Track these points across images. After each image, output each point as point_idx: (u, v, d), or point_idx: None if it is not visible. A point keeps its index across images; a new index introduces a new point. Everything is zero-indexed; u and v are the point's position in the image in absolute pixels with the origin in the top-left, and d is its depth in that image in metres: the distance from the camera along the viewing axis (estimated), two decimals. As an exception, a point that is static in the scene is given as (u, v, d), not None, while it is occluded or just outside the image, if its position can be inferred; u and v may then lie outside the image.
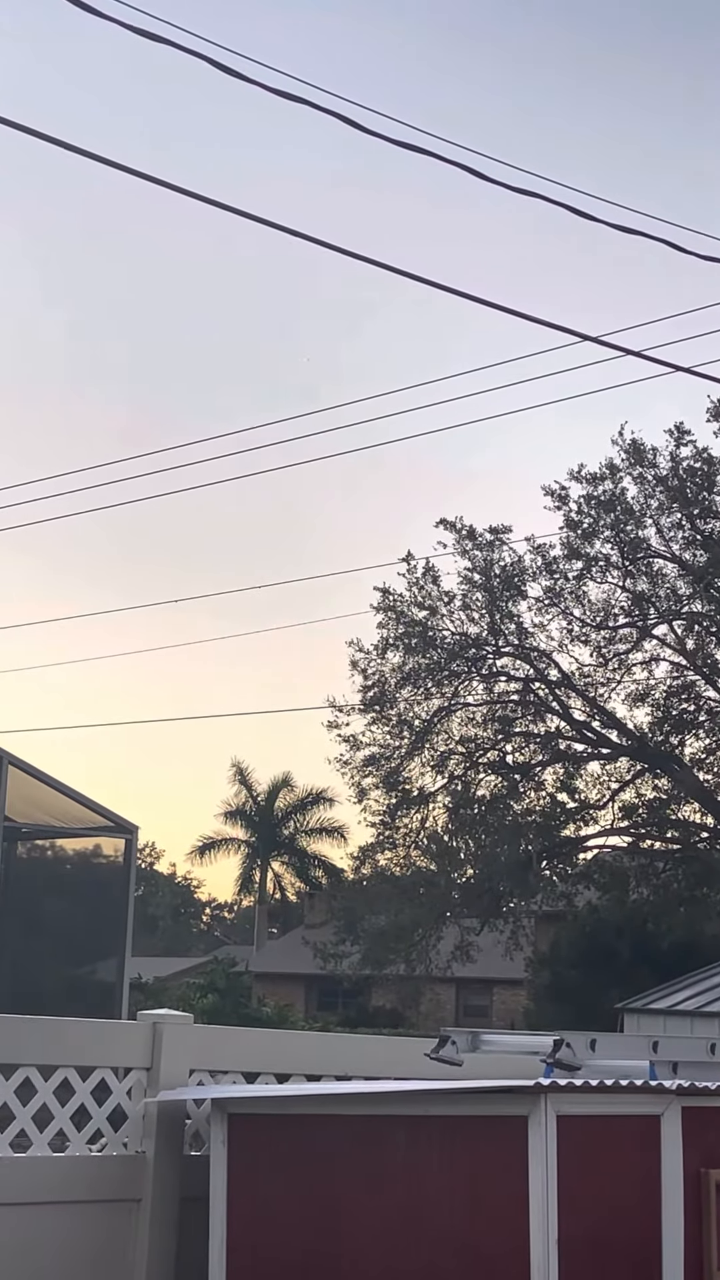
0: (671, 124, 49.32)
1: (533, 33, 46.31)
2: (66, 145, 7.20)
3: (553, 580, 32.77)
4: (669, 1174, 5.37)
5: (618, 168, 43.69)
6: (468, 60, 47.80)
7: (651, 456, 32.36)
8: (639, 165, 47.03)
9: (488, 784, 33.97)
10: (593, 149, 45.62)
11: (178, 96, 45.26)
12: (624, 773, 33.80)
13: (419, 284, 8.71)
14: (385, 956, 34.13)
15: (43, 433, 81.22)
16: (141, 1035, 6.23)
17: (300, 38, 37.94)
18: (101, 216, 61.47)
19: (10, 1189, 5.74)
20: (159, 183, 7.55)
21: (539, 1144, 5.04)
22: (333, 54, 38.68)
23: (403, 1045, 7.27)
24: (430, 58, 45.69)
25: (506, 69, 48.03)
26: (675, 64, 47.49)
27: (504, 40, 46.65)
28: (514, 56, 47.92)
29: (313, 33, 40.53)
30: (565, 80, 49.09)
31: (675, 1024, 20.66)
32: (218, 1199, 5.88)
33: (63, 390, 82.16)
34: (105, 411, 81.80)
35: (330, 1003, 46.55)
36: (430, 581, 33.11)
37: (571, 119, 48.15)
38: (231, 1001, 31.79)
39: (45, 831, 19.25)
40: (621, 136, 49.42)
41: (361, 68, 38.68)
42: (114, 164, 7.37)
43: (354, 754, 33.42)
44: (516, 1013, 41.17)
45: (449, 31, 46.18)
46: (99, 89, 45.30)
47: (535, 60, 47.79)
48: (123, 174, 7.41)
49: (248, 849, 60.55)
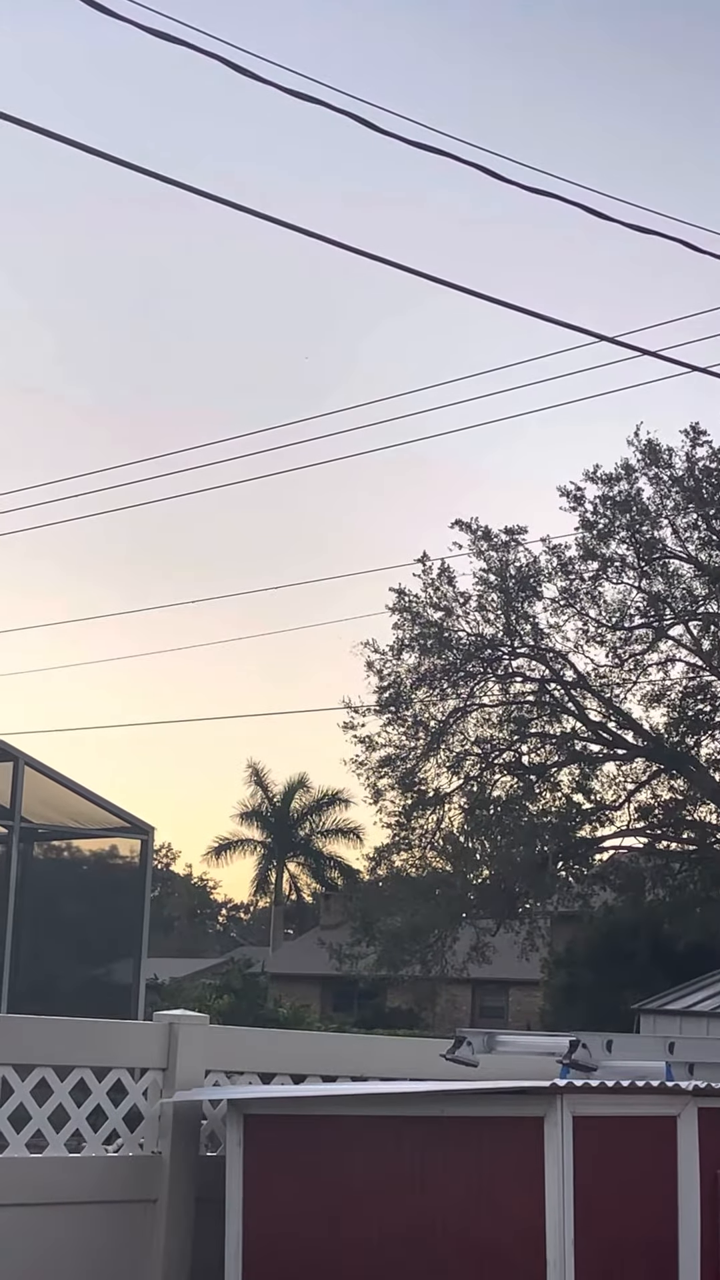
0: (686, 123, 49.27)
1: (547, 31, 46.30)
2: (75, 144, 7.20)
3: (568, 581, 32.73)
4: (685, 1174, 5.36)
5: (632, 167, 43.67)
6: (481, 59, 47.81)
7: (667, 457, 32.30)
8: (653, 164, 47.01)
9: (503, 785, 33.93)
10: (607, 148, 45.60)
11: (190, 95, 45.32)
12: (640, 774, 33.73)
13: (432, 283, 8.71)
14: (401, 957, 34.09)
15: (61, 435, 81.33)
16: (157, 1036, 6.23)
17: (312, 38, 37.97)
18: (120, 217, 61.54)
19: (27, 1189, 5.75)
20: (180, 185, 7.55)
21: (555, 1145, 5.04)
22: (344, 54, 38.71)
23: (418, 1046, 7.27)
24: (443, 57, 45.70)
25: (519, 67, 48.03)
26: (689, 62, 47.44)
27: (517, 39, 46.65)
28: (527, 55, 47.91)
29: (324, 33, 40.56)
30: (578, 79, 49.08)
31: (691, 1025, 20.63)
32: (234, 1200, 5.88)
33: (76, 392, 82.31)
34: (117, 413, 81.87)
35: (346, 1004, 46.53)
36: (446, 582, 33.08)
37: (584, 118, 48.13)
38: (247, 1002, 31.79)
39: (61, 832, 19.27)
40: (635, 135, 49.39)
41: (373, 67, 38.70)
42: (132, 165, 7.37)
43: (369, 755, 33.41)
44: (532, 1014, 41.13)
45: (462, 31, 46.21)
46: (108, 87, 45.37)
47: (548, 58, 47.78)
48: (139, 174, 7.42)
49: (264, 850, 60.56)
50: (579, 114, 48.88)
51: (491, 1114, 5.30)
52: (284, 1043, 7.16)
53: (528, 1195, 5.07)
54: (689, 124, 49.20)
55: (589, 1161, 5.10)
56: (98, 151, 7.25)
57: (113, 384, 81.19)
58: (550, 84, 48.62)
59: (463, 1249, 5.28)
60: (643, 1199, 5.31)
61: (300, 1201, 5.77)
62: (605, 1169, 5.18)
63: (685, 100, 48.49)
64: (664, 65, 48.53)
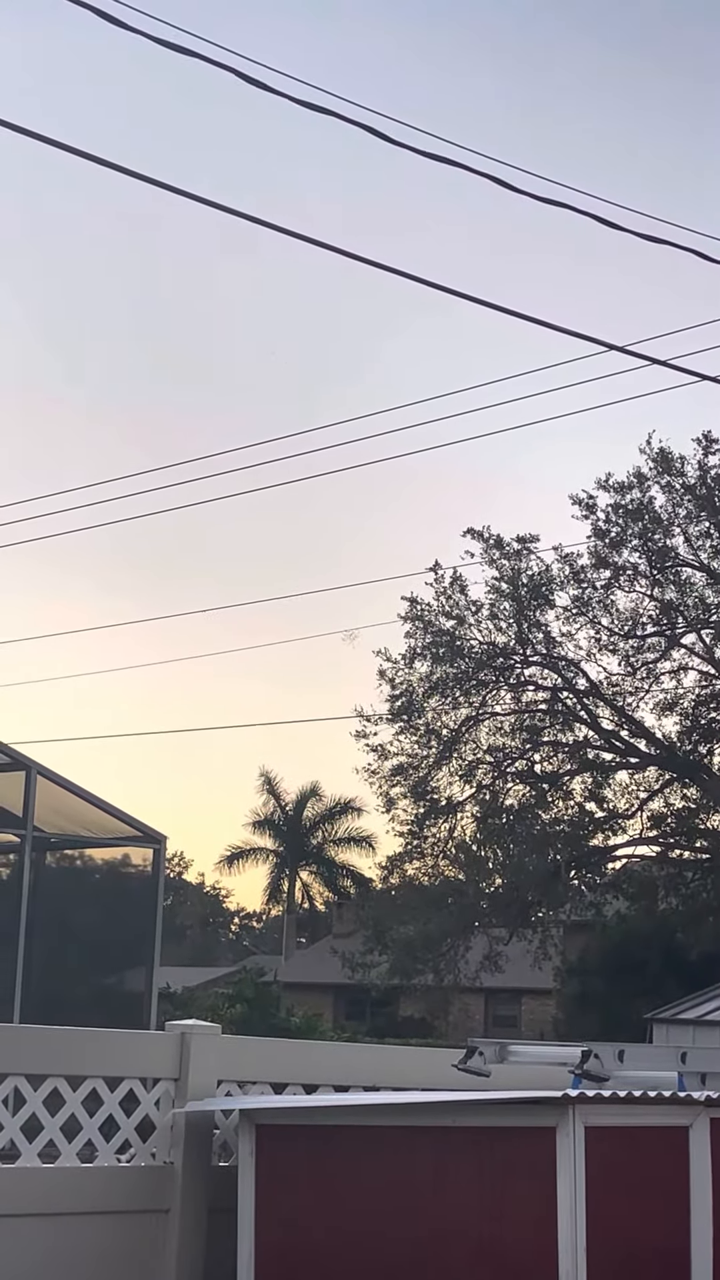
0: (696, 131, 49.27)
1: (556, 43, 46.35)
2: (84, 154, 7.22)
3: (580, 589, 32.71)
4: (698, 1185, 5.36)
5: (642, 176, 43.68)
6: (490, 70, 47.86)
7: (679, 465, 32.28)
8: (664, 174, 47.01)
9: (516, 793, 33.91)
10: (616, 158, 45.62)
11: (201, 106, 45.39)
12: (652, 782, 33.70)
13: (443, 293, 8.72)
14: (413, 966, 34.07)
15: (74, 444, 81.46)
16: (169, 1046, 6.23)
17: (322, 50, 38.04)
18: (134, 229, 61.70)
19: (39, 1199, 5.75)
20: (191, 196, 7.57)
21: (567, 1155, 5.04)
22: (354, 65, 38.76)
23: (430, 1056, 7.26)
24: (455, 67, 45.76)
25: (528, 78, 48.07)
26: (698, 71, 47.45)
27: (526, 50, 46.69)
28: (536, 66, 47.96)
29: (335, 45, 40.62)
30: (587, 88, 49.12)
31: (704, 1034, 20.58)
32: (246, 1210, 5.87)
33: (86, 398, 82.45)
34: (129, 421, 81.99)
35: (358, 1012, 46.49)
36: (458, 591, 33.08)
37: (593, 128, 48.16)
38: (260, 1011, 31.75)
39: (74, 841, 19.27)
40: (645, 145, 49.41)
41: (383, 78, 38.75)
42: (142, 176, 7.39)
43: (382, 763, 33.41)
44: (545, 1022, 41.06)
45: (474, 41, 46.27)
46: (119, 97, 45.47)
47: (557, 69, 47.81)
48: (148, 185, 7.44)
49: (276, 858, 60.55)
50: (588, 124, 48.91)
51: (504, 1124, 5.30)
52: (296, 1053, 7.16)
53: (540, 1205, 5.07)
54: (699, 133, 49.22)
55: (601, 1172, 5.09)
56: (111, 164, 7.27)
57: (123, 391, 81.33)
58: (560, 94, 48.66)
59: (475, 1259, 5.28)
60: (655, 1209, 5.30)
61: (313, 1212, 5.77)
62: (617, 1179, 5.18)
63: (695, 109, 48.48)
64: (673, 74, 48.54)
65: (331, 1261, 5.67)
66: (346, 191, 49.09)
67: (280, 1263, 5.80)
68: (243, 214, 7.79)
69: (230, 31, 7.61)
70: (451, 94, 41.74)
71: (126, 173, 7.32)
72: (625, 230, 8.90)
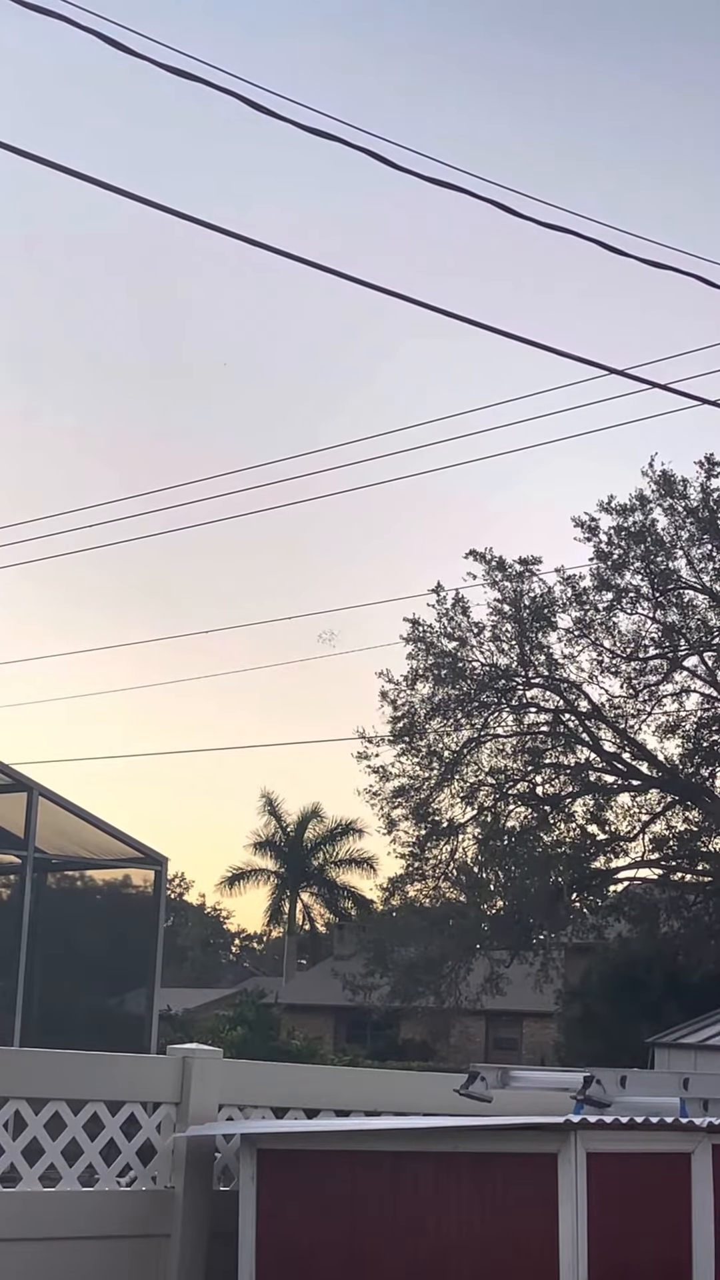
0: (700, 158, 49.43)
1: (559, 69, 46.51)
2: (88, 179, 7.25)
3: (583, 611, 32.69)
4: (700, 1211, 5.35)
5: (644, 202, 43.78)
6: (490, 96, 48.04)
7: (682, 488, 32.27)
8: (666, 200, 47.15)
9: (517, 815, 33.84)
10: (619, 184, 45.75)
11: (208, 131, 45.56)
12: (654, 804, 33.64)
13: (445, 318, 8.74)
14: (415, 989, 33.98)
15: (79, 462, 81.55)
16: (171, 1070, 6.22)
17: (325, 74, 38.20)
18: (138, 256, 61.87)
19: (40, 1224, 5.74)
20: (195, 221, 7.60)
21: (569, 1181, 5.03)
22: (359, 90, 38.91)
23: (431, 1080, 7.26)
24: (460, 93, 45.94)
25: (530, 105, 48.23)
26: (702, 98, 47.62)
27: (527, 76, 46.85)
28: (538, 92, 48.13)
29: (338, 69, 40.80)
30: (591, 117, 49.29)
31: (706, 1059, 20.52)
32: (247, 1234, 5.86)
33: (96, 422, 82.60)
34: (136, 442, 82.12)
35: (359, 1035, 46.37)
36: (460, 612, 33.05)
37: (596, 155, 48.30)
38: (260, 1034, 31.70)
39: (75, 863, 19.27)
40: (648, 171, 49.57)
41: (390, 103, 38.89)
42: (143, 199, 7.41)
43: (383, 785, 33.35)
44: (547, 1046, 40.95)
45: (478, 66, 46.45)
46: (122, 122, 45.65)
47: (561, 96, 47.98)
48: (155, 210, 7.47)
49: (277, 880, 60.46)
50: (591, 151, 49.05)
51: (505, 1150, 5.29)
52: (297, 1077, 7.15)
53: (542, 1231, 5.06)
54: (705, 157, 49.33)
55: (603, 1198, 5.08)
56: (113, 187, 7.29)
57: (122, 412, 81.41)
58: (562, 121, 48.81)
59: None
60: (657, 1235, 5.29)
61: (314, 1236, 5.76)
62: (619, 1205, 5.17)
63: (698, 136, 48.63)
64: (676, 100, 48.70)
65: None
66: (347, 214, 49.20)
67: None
68: (244, 237, 7.82)
69: (232, 57, 7.64)
70: (452, 120, 41.88)
71: (120, 192, 7.35)
72: (628, 255, 8.92)
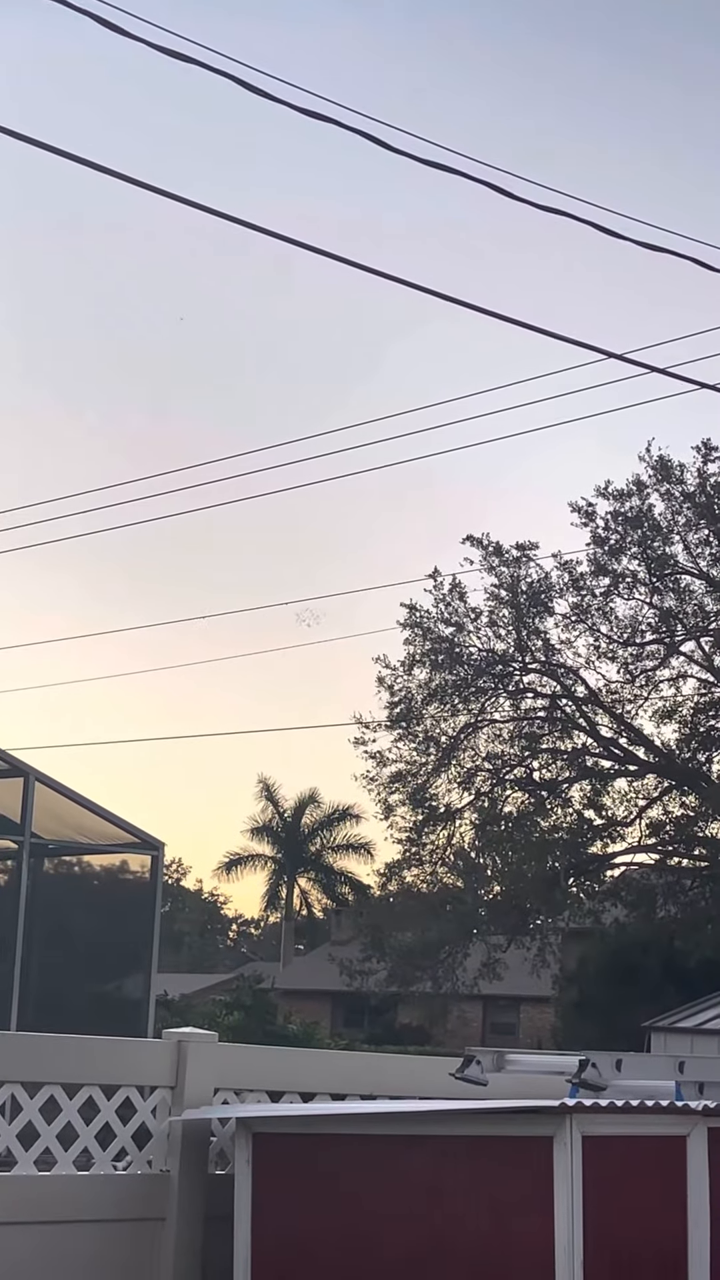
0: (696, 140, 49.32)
1: (554, 50, 46.41)
2: (87, 163, 7.22)
3: (580, 596, 32.68)
4: (695, 1195, 5.35)
5: (641, 185, 43.70)
6: (489, 79, 47.93)
7: (679, 473, 32.25)
8: (663, 182, 47.06)
9: (515, 801, 33.86)
10: (616, 166, 45.67)
11: (202, 114, 45.43)
12: (651, 789, 33.66)
13: (444, 301, 8.72)
14: (412, 974, 34.03)
15: (73, 449, 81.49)
16: (166, 1053, 6.22)
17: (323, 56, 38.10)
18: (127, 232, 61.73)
19: (35, 1207, 5.74)
20: (189, 202, 7.57)
21: (564, 1164, 5.03)
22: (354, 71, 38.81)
23: (427, 1064, 7.25)
24: (454, 74, 45.82)
25: (528, 87, 48.12)
26: (695, 80, 47.51)
27: (525, 58, 46.74)
28: (535, 74, 48.02)
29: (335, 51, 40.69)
30: (587, 97, 49.19)
31: (702, 1043, 20.56)
32: (242, 1218, 5.86)
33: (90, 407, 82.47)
34: (129, 429, 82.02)
35: (357, 1020, 46.45)
36: (457, 598, 33.04)
37: (593, 137, 48.20)
38: (257, 1019, 31.71)
39: (71, 848, 19.27)
40: (645, 153, 49.47)
41: (384, 84, 38.79)
42: (138, 182, 7.39)
43: (380, 770, 33.37)
44: (544, 1030, 41.02)
45: (472, 48, 46.33)
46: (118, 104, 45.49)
47: (557, 77, 47.88)
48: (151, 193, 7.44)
49: (274, 865, 60.53)
50: (588, 133, 48.95)
51: (500, 1133, 5.29)
52: (293, 1061, 7.15)
53: (537, 1214, 5.06)
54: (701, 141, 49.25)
55: (598, 1181, 5.08)
56: (114, 172, 7.26)
57: (118, 397, 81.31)
58: (560, 103, 48.71)
59: (472, 1268, 5.27)
60: (652, 1219, 5.29)
61: (309, 1220, 5.76)
62: (615, 1189, 5.17)
63: (694, 119, 48.51)
64: (671, 83, 48.60)
65: (327, 1270, 5.66)
66: (344, 198, 49.12)
67: (276, 1271, 5.79)
68: (244, 221, 7.79)
69: (226, 38, 7.61)
70: (450, 102, 41.78)
71: (120, 177, 7.32)
72: (625, 238, 8.90)
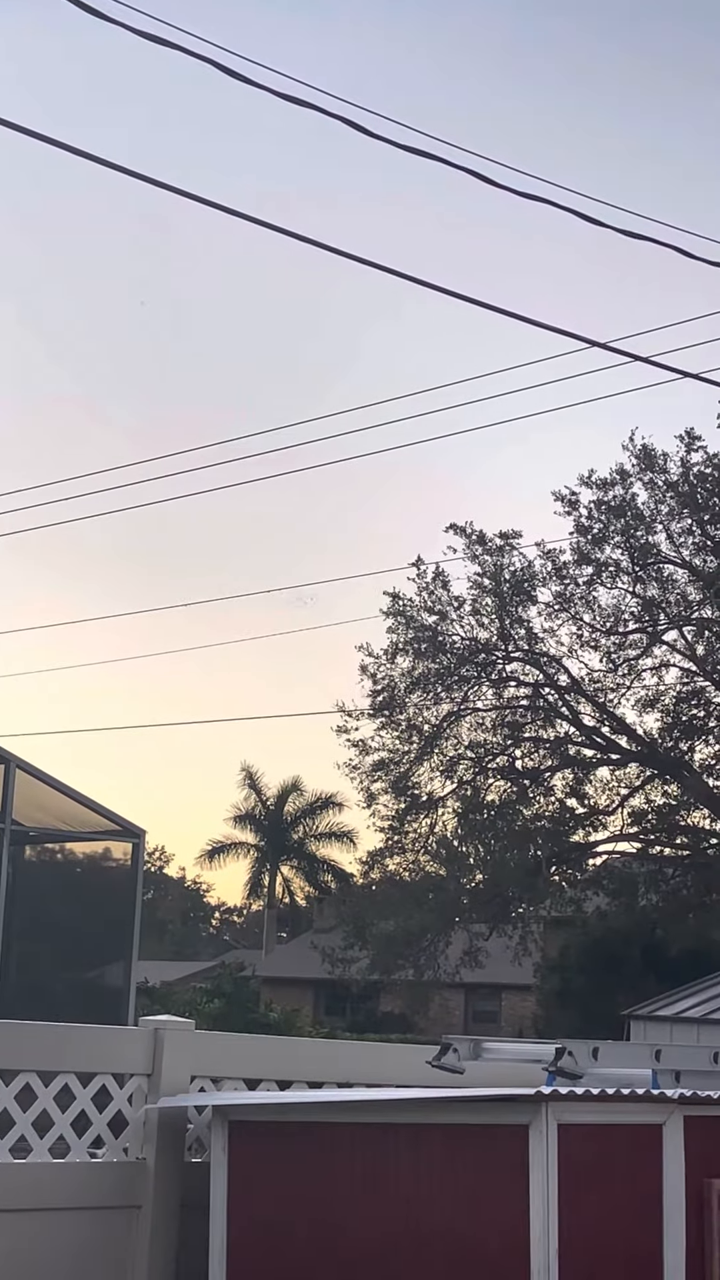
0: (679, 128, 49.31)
1: (540, 37, 46.34)
2: (78, 151, 7.19)
3: (563, 585, 32.69)
4: (671, 1183, 5.35)
5: (624, 173, 43.69)
6: (473, 65, 47.85)
7: (662, 462, 32.26)
8: (646, 170, 47.04)
9: (497, 789, 33.89)
10: (600, 154, 45.64)
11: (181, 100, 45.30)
12: (633, 778, 33.71)
13: (425, 289, 8.69)
14: (394, 962, 34.05)
15: (56, 437, 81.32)
16: (142, 1041, 6.21)
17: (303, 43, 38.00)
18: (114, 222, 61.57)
19: (10, 1195, 5.73)
20: (176, 190, 7.54)
21: (540, 1152, 5.02)
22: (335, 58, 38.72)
23: (405, 1052, 7.25)
24: (434, 62, 45.73)
25: (512, 74, 48.06)
26: (682, 68, 47.48)
27: (509, 45, 46.68)
28: (519, 61, 47.97)
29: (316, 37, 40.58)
30: (571, 85, 49.14)
31: (681, 1031, 20.60)
32: (218, 1206, 5.86)
33: (74, 394, 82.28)
34: (114, 416, 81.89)
35: (339, 1008, 46.49)
36: (440, 586, 33.03)
37: (576, 124, 48.17)
38: (239, 1006, 31.73)
39: (53, 835, 19.26)
40: (628, 141, 49.44)
41: (365, 72, 38.71)
42: (129, 171, 7.35)
43: (363, 759, 33.38)
44: (525, 1018, 41.10)
45: (453, 35, 46.23)
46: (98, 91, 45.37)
47: (541, 64, 47.81)
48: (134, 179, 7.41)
49: (257, 853, 60.53)
50: (571, 120, 48.91)
51: (477, 1121, 5.28)
52: (270, 1049, 7.14)
53: (513, 1202, 5.05)
54: (682, 130, 49.25)
55: (574, 1169, 5.08)
56: (100, 159, 7.23)
57: (110, 386, 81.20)
58: (543, 90, 48.65)
59: (448, 1256, 5.26)
60: (628, 1206, 5.29)
61: (285, 1208, 5.75)
62: (590, 1177, 5.17)
63: (679, 106, 48.52)
64: (657, 71, 48.55)
65: (303, 1258, 5.66)
66: (325, 184, 49.03)
67: (252, 1259, 5.79)
68: (226, 208, 7.76)
69: (208, 23, 7.57)
70: (434, 89, 41.72)
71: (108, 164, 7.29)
72: (606, 226, 8.89)
